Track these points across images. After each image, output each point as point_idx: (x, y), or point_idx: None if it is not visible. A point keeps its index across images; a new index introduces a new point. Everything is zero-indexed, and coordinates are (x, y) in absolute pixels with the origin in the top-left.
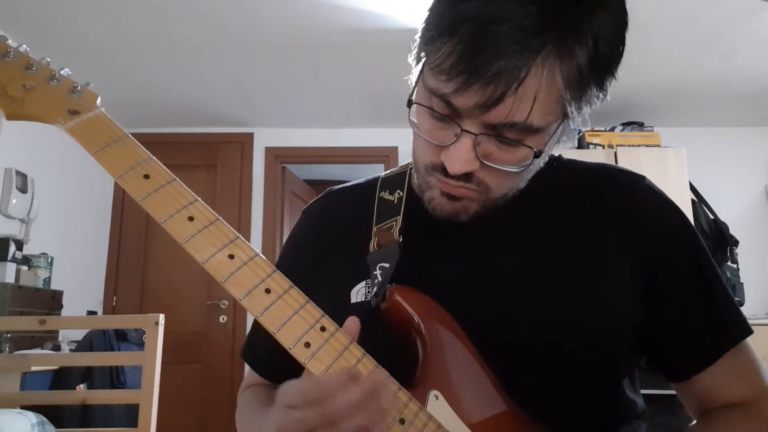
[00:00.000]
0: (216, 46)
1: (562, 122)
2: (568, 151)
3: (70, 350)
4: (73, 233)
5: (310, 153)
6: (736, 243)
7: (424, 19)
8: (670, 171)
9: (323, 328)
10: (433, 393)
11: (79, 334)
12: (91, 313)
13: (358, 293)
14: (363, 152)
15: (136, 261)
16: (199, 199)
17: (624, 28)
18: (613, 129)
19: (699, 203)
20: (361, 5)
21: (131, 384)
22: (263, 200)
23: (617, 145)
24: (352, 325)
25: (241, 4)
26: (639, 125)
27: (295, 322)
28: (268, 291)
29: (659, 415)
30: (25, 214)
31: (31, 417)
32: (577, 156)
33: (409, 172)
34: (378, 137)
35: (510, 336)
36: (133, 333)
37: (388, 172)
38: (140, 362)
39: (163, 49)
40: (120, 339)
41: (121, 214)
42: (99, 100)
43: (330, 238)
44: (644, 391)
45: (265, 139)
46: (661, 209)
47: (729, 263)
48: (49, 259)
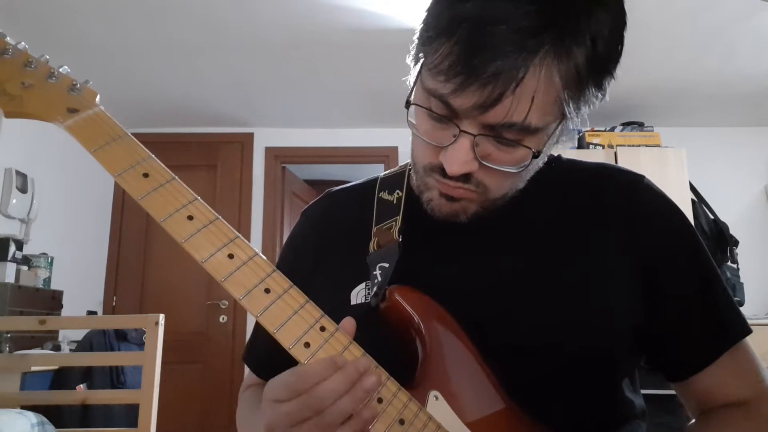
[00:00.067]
0: (216, 46)
1: (561, 122)
2: (568, 151)
3: (70, 350)
4: (73, 233)
5: (310, 153)
6: (736, 243)
7: (422, 19)
8: (670, 171)
9: (323, 328)
10: (433, 393)
11: (79, 334)
12: (91, 313)
13: (358, 294)
14: (363, 152)
15: (136, 261)
16: (198, 198)
17: (622, 27)
18: (613, 129)
19: (699, 203)
20: (361, 5)
21: (131, 384)
22: (263, 200)
23: (617, 145)
24: (348, 325)
25: (241, 4)
26: (639, 125)
27: (295, 322)
28: (267, 291)
29: (659, 415)
30: (25, 214)
31: (31, 417)
32: (577, 156)
33: (408, 172)
34: (378, 137)
35: (510, 336)
36: (133, 333)
37: (387, 172)
38: (140, 362)
39: (163, 49)
40: (120, 339)
41: (121, 214)
42: (98, 98)
43: (330, 238)
44: (644, 391)
45: (265, 139)
46: (660, 209)
47: (729, 263)
48: (49, 259)
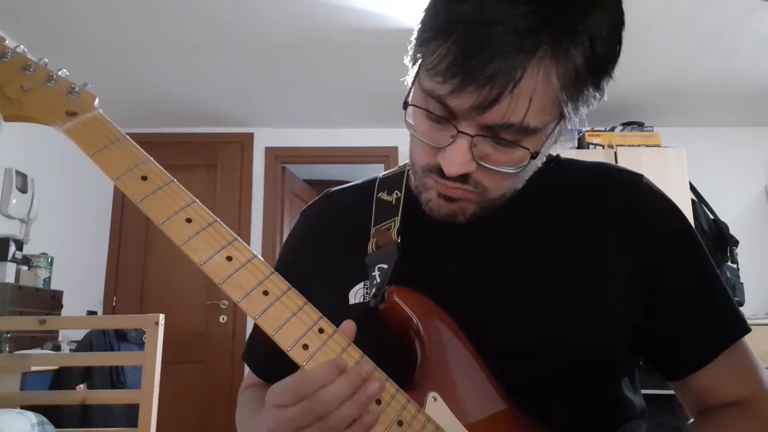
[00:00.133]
0: (216, 46)
1: (559, 123)
2: (568, 151)
3: (70, 350)
4: (73, 233)
5: (310, 153)
6: (736, 243)
7: (419, 20)
8: (670, 171)
9: (321, 330)
10: (432, 394)
11: (79, 334)
12: (91, 313)
13: (356, 294)
14: (363, 152)
15: (136, 261)
16: (197, 201)
17: (620, 27)
18: (613, 129)
19: (699, 203)
20: (361, 5)
21: (131, 384)
22: (263, 200)
23: (617, 145)
24: (348, 328)
25: (241, 4)
26: (639, 125)
27: (293, 323)
28: (266, 293)
29: (659, 415)
30: (25, 214)
31: (31, 417)
32: (578, 156)
33: (406, 172)
34: (378, 137)
35: (509, 336)
36: (133, 333)
37: (385, 172)
38: (140, 362)
39: (163, 49)
40: (120, 339)
41: (121, 214)
42: (97, 101)
43: (328, 239)
44: (644, 391)
45: (265, 139)
46: (660, 208)
47: (729, 263)
48: (49, 259)
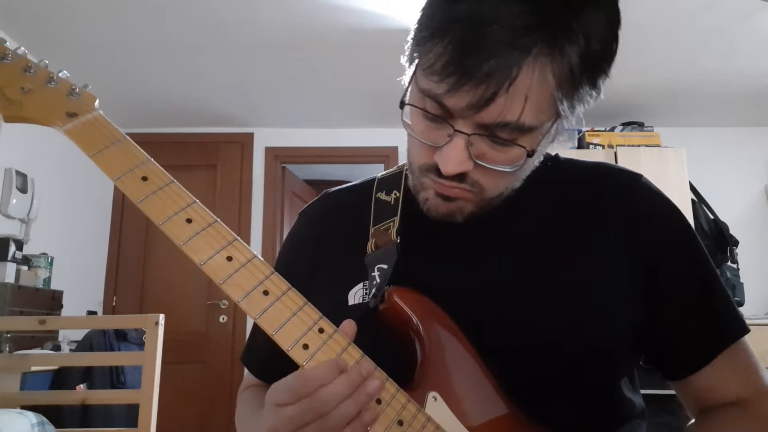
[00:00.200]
0: (216, 46)
1: (556, 121)
2: (567, 151)
3: (70, 350)
4: (73, 233)
5: (310, 153)
6: (736, 243)
7: (416, 20)
8: (670, 171)
9: (321, 330)
10: (432, 394)
11: (79, 334)
12: (91, 313)
13: (356, 295)
14: (363, 152)
15: (136, 261)
16: (197, 201)
17: (617, 26)
18: (613, 129)
19: (699, 203)
20: (361, 5)
21: (131, 384)
22: (263, 200)
23: (617, 145)
24: (348, 328)
25: (241, 4)
26: (639, 125)
27: (294, 323)
28: (266, 293)
29: (659, 415)
30: (25, 214)
31: (31, 417)
32: (577, 156)
33: (405, 172)
34: (378, 137)
35: (509, 336)
36: (133, 333)
37: (384, 172)
38: (140, 362)
39: (163, 49)
40: (120, 339)
41: (121, 214)
42: (97, 102)
43: (328, 239)
44: (644, 391)
45: (265, 139)
46: (659, 208)
47: (729, 263)
48: (49, 259)
